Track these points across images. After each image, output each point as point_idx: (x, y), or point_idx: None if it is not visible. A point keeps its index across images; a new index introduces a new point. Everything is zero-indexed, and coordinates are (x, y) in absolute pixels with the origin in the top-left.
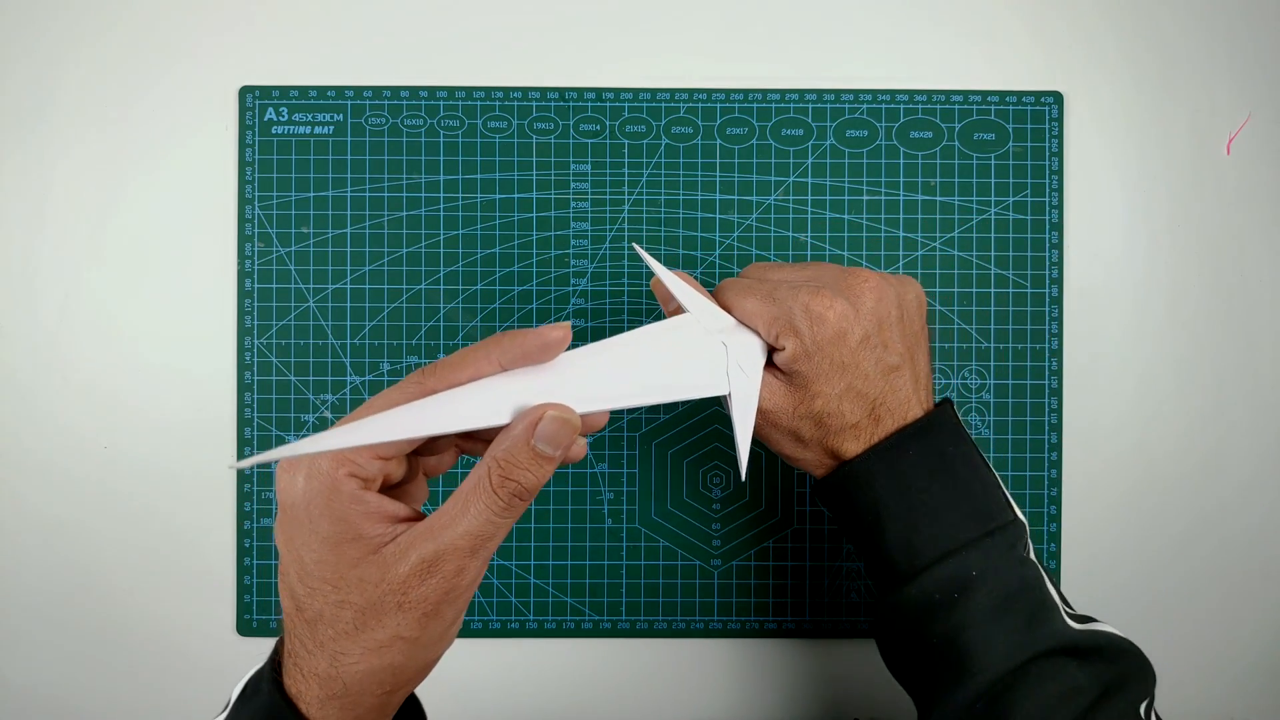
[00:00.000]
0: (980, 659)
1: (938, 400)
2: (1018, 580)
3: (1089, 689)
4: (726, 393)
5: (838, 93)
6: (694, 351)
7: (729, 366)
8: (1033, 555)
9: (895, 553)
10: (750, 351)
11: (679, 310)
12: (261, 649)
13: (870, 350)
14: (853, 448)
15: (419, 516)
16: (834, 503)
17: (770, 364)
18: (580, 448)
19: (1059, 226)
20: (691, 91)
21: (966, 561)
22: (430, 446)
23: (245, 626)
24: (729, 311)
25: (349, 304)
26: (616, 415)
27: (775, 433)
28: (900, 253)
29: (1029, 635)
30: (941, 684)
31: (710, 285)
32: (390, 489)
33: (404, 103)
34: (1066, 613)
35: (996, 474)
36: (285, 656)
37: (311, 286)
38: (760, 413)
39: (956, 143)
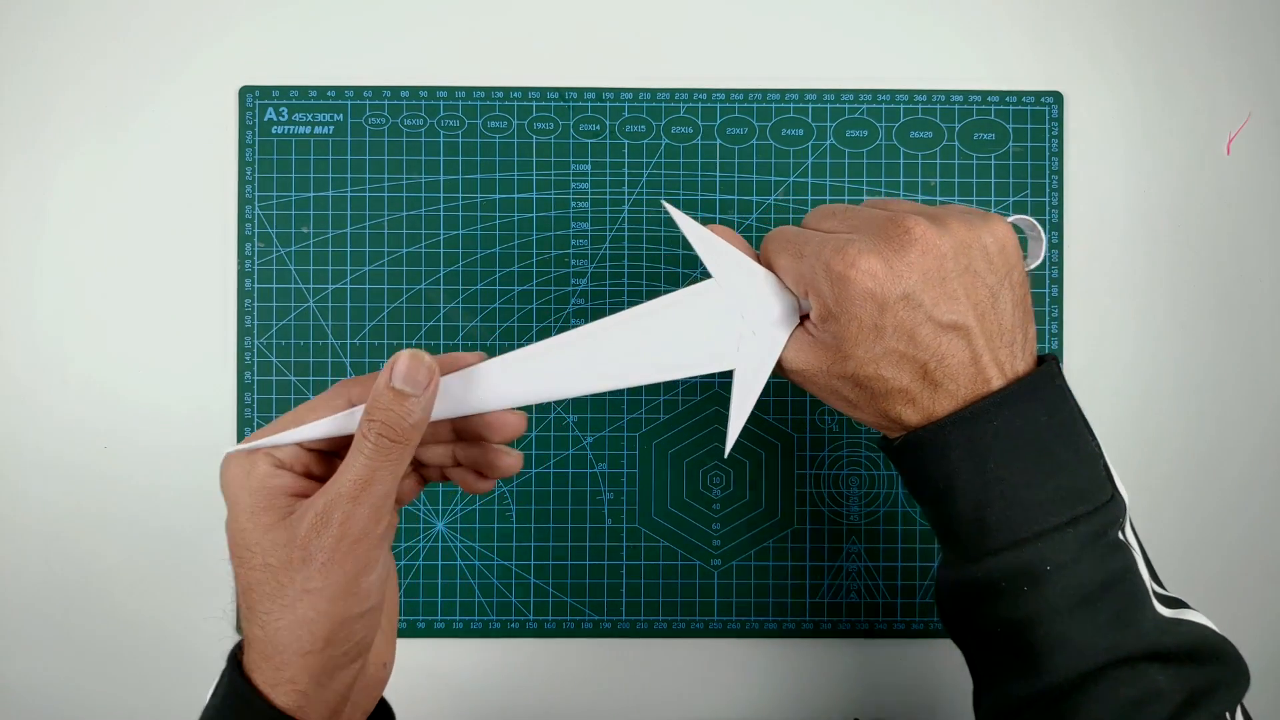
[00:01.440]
0: (1047, 660)
1: (1041, 356)
2: (1102, 575)
3: (1170, 695)
4: (732, 368)
5: (838, 93)
6: (701, 325)
7: (741, 339)
8: (1129, 534)
9: (964, 529)
10: (768, 318)
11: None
12: None
13: (912, 310)
14: (909, 415)
15: None
16: (902, 466)
17: (807, 320)
18: (513, 459)
19: (1059, 226)
20: (691, 91)
21: (1042, 553)
22: None
23: None
24: (769, 269)
25: (349, 304)
26: (616, 415)
27: (816, 391)
28: None
29: (1108, 638)
30: (1001, 669)
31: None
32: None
33: (404, 103)
34: (1158, 595)
35: (1098, 443)
36: (243, 640)
37: (311, 286)
38: (796, 372)
39: (956, 143)
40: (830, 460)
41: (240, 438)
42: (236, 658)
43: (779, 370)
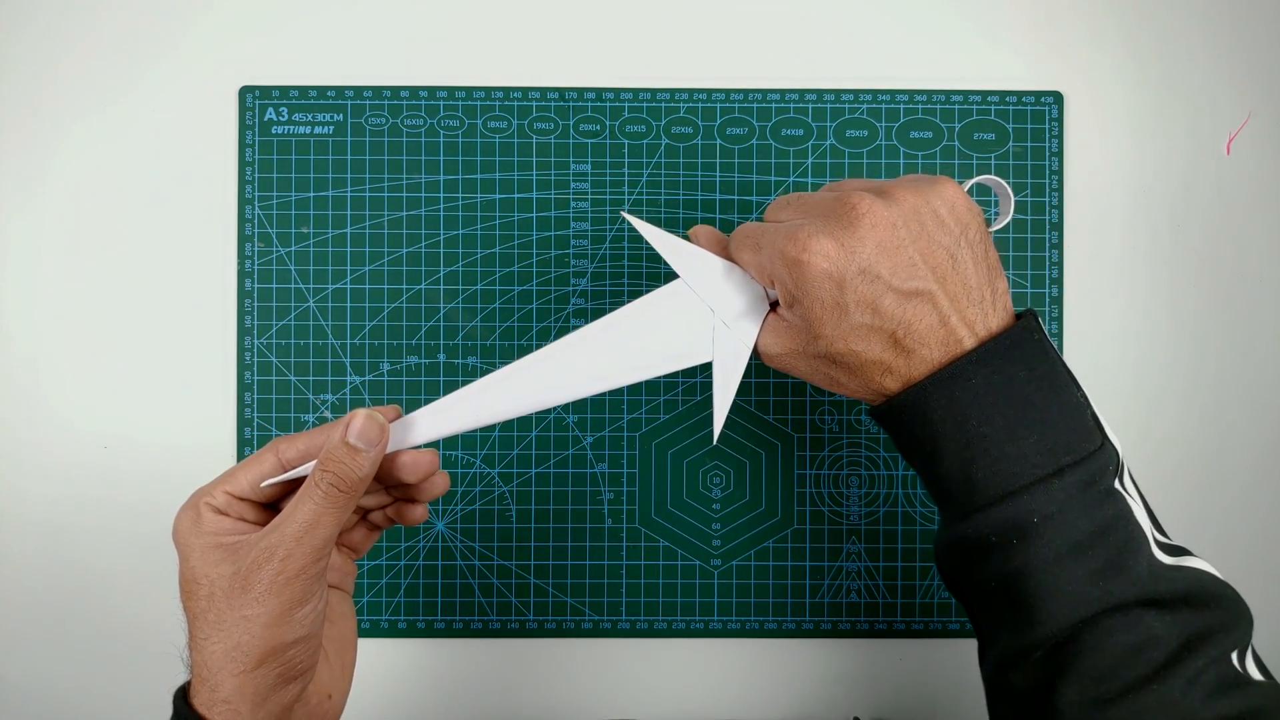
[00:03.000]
0: (1041, 610)
1: (1019, 312)
2: (1092, 524)
3: (1167, 640)
4: (709, 359)
5: (838, 93)
6: (675, 322)
7: (714, 331)
8: (1124, 483)
9: (952, 487)
10: (738, 308)
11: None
12: None
13: (871, 282)
14: (889, 383)
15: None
16: (889, 428)
17: (779, 307)
18: (440, 480)
19: (1059, 226)
20: (691, 91)
21: (1028, 505)
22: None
23: None
24: (737, 259)
25: (349, 304)
26: (616, 415)
27: (798, 373)
28: None
29: (1100, 587)
30: (999, 623)
31: None
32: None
33: (404, 103)
34: (1158, 543)
35: (1084, 394)
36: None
37: (311, 286)
38: (774, 357)
39: (956, 143)
40: (830, 460)
41: (240, 438)
42: (183, 690)
43: (760, 358)
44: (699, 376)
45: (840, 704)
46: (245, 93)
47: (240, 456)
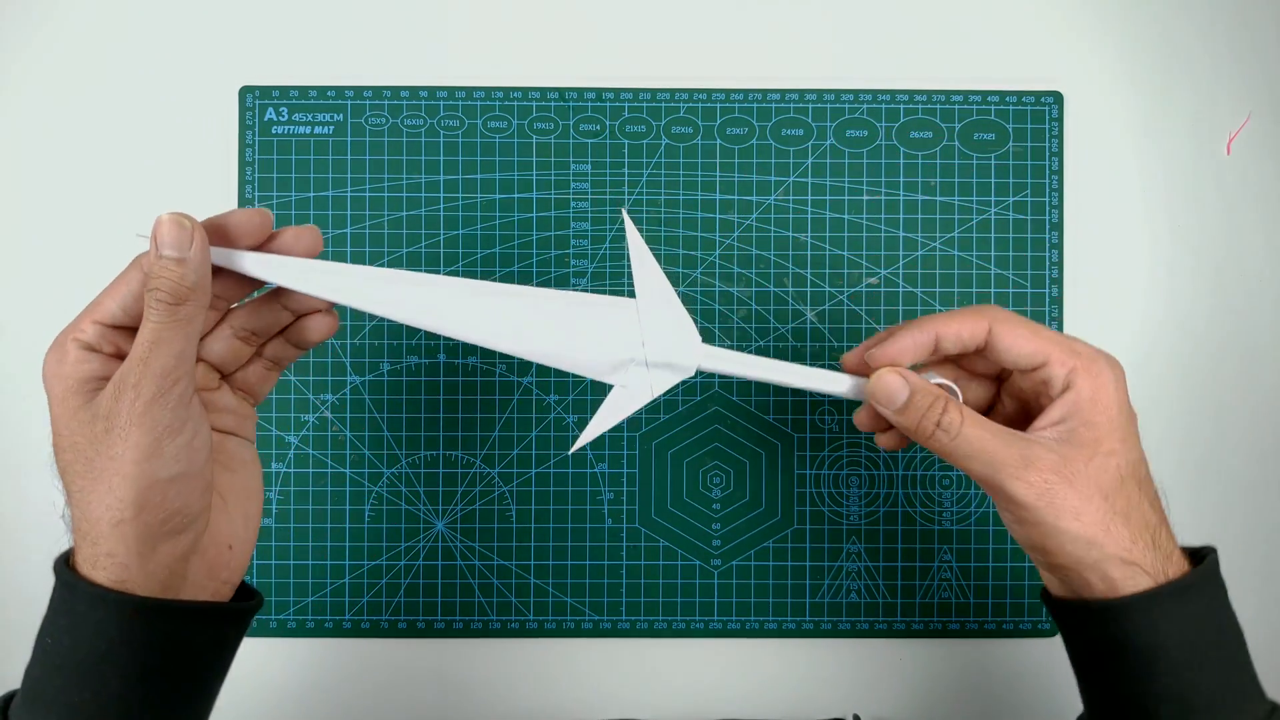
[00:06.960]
0: None
1: (1199, 549)
2: None
3: None
4: (611, 384)
5: (838, 93)
6: (604, 332)
7: (633, 363)
8: None
9: (1162, 706)
10: (668, 358)
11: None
12: (259, 649)
13: (1145, 476)
14: (1131, 580)
15: None
16: (1082, 629)
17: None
18: (330, 322)
19: (1059, 226)
20: (691, 91)
21: None
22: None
23: None
24: (1002, 334)
25: None
26: None
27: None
28: (900, 253)
29: None
30: None
31: (711, 282)
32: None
33: (404, 103)
34: None
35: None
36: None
37: None
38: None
39: (956, 143)
40: (830, 460)
41: None
42: (65, 555)
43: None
44: (699, 377)
45: (840, 704)
46: (245, 93)
47: None
